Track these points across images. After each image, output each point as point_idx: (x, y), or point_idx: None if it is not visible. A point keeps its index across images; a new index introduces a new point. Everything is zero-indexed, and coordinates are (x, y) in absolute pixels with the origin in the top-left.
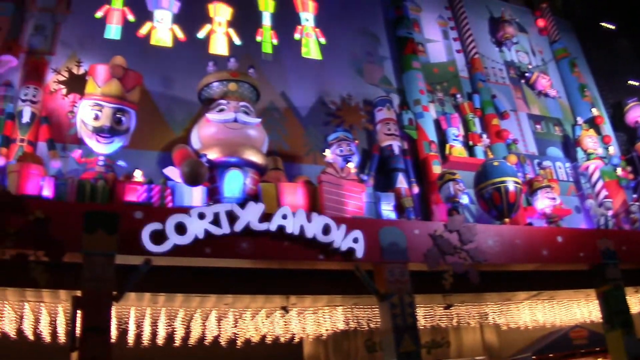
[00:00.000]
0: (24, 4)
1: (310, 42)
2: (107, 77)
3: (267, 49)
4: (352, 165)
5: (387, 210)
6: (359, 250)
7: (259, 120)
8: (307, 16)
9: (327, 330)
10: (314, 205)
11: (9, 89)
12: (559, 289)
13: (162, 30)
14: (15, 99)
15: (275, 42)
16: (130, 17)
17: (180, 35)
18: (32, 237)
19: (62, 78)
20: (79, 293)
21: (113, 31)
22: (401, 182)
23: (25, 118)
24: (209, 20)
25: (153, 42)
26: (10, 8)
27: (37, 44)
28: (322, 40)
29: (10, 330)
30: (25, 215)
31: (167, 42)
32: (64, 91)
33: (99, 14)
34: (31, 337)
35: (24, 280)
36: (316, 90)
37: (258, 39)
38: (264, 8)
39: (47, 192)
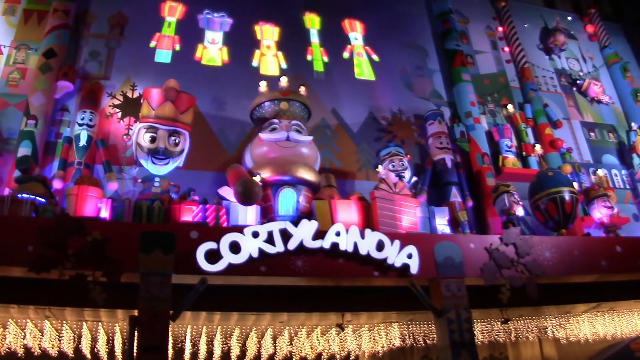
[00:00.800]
0: (78, 31)
1: (362, 61)
2: (161, 100)
3: (318, 67)
4: (405, 180)
5: (442, 224)
6: (414, 265)
7: (311, 138)
8: (356, 35)
9: (383, 347)
10: (368, 221)
11: (66, 114)
12: (619, 300)
13: (213, 50)
14: (73, 123)
15: (325, 59)
16: (177, 46)
17: (227, 57)
18: (90, 258)
19: (117, 102)
20: (136, 312)
21: (163, 55)
22: (455, 195)
23: (82, 141)
24: (256, 41)
25: (205, 61)
26: (65, 35)
27: (92, 69)
28: (375, 58)
29: (69, 349)
30: (84, 237)
31: (218, 61)
32: (120, 115)
33: (152, 44)
34: (88, 356)
35: (83, 300)
36: (367, 106)
37: (309, 57)
38: (311, 25)
39: (105, 213)
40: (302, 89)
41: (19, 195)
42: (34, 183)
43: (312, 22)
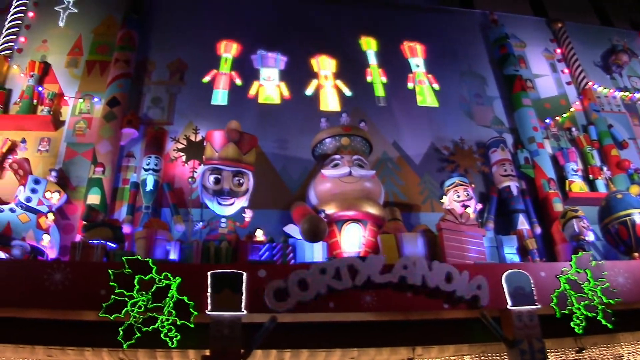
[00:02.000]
0: (139, 79)
1: (424, 89)
2: (224, 142)
3: (378, 91)
4: (470, 210)
5: (510, 253)
6: (484, 296)
7: (374, 172)
8: (417, 62)
9: None
10: (435, 253)
11: (132, 160)
12: None
13: (270, 88)
14: (139, 169)
15: (384, 79)
16: (238, 81)
17: (287, 93)
18: (161, 300)
19: (180, 146)
20: (207, 352)
21: (220, 96)
22: (522, 223)
23: (149, 186)
24: (314, 75)
25: (261, 100)
26: (127, 84)
27: (155, 115)
28: (436, 87)
29: None
30: (154, 279)
31: (275, 99)
32: (184, 158)
33: (206, 79)
34: None
35: (155, 342)
36: (428, 136)
37: (368, 79)
38: (367, 47)
39: (174, 255)
40: (363, 125)
41: (90, 241)
42: (101, 228)
43: (369, 44)
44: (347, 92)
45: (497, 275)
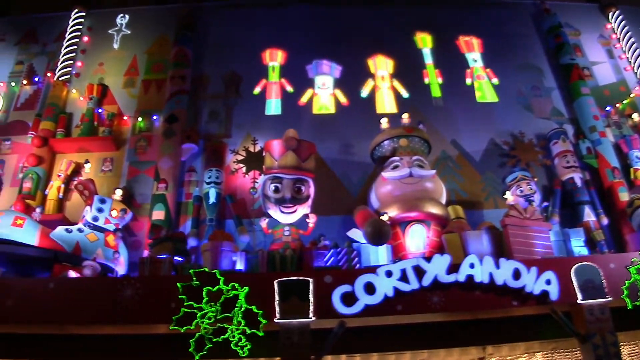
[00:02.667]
0: (196, 95)
1: (483, 84)
2: (283, 151)
3: (435, 92)
4: (535, 205)
5: (578, 246)
6: (553, 291)
7: (434, 171)
8: (474, 56)
9: None
10: (501, 250)
11: (193, 174)
12: None
13: (324, 96)
14: (201, 183)
15: (440, 81)
16: (289, 88)
17: (343, 99)
18: (230, 310)
19: (240, 157)
20: None
21: (273, 105)
22: (588, 215)
23: (212, 199)
24: (371, 76)
25: (316, 110)
26: (184, 100)
27: (214, 129)
28: (495, 81)
29: None
30: (223, 290)
31: (330, 108)
32: (244, 169)
33: (257, 90)
34: None
35: (226, 352)
36: (487, 132)
37: (426, 81)
38: (423, 44)
39: (240, 265)
40: (422, 126)
41: (158, 256)
42: (166, 242)
43: (424, 41)
44: (405, 94)
45: (566, 269)
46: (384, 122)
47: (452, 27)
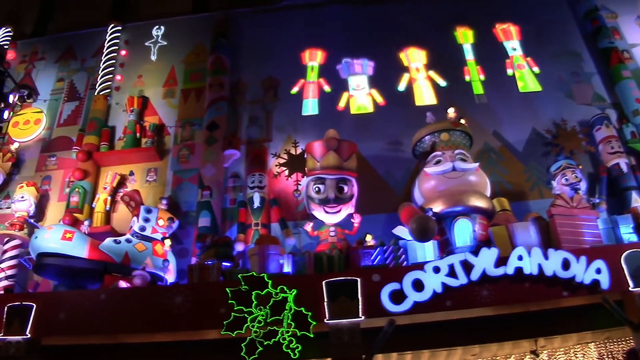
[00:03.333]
0: (235, 101)
1: (525, 73)
2: (324, 151)
3: (477, 89)
4: (581, 193)
5: (627, 233)
6: (604, 280)
7: (477, 164)
8: (513, 44)
9: None
10: (549, 240)
11: (237, 180)
12: None
13: (361, 97)
14: (244, 188)
15: (482, 77)
16: (326, 88)
17: (380, 99)
18: (280, 313)
19: (282, 161)
20: None
21: (310, 105)
22: (636, 200)
23: (256, 203)
24: (405, 69)
25: (354, 110)
26: (224, 107)
27: (254, 134)
28: (536, 70)
29: None
30: (271, 293)
31: (368, 108)
32: (287, 172)
33: (294, 90)
34: None
35: (278, 354)
36: (528, 121)
37: (467, 78)
38: (464, 40)
39: (288, 268)
40: (463, 121)
41: (206, 262)
42: (211, 249)
43: (465, 36)
44: (442, 83)
45: (616, 257)
46: (429, 116)
47: (488, 15)
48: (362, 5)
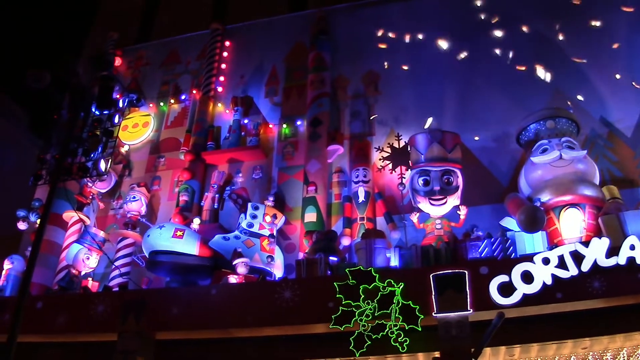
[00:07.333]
0: (337, 96)
1: None
2: (428, 143)
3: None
4: None
5: None
6: None
7: (585, 152)
8: None
9: None
10: None
11: (341, 175)
12: None
13: None
14: (349, 182)
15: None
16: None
17: None
18: (387, 307)
19: (386, 154)
20: (437, 354)
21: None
22: None
23: (361, 197)
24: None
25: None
26: (326, 103)
27: (357, 128)
28: None
29: None
30: (379, 287)
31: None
32: (390, 166)
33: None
34: None
35: (386, 347)
36: (636, 104)
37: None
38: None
39: (395, 262)
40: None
41: (314, 257)
42: (318, 243)
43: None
44: (547, 78)
45: None
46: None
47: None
48: None
